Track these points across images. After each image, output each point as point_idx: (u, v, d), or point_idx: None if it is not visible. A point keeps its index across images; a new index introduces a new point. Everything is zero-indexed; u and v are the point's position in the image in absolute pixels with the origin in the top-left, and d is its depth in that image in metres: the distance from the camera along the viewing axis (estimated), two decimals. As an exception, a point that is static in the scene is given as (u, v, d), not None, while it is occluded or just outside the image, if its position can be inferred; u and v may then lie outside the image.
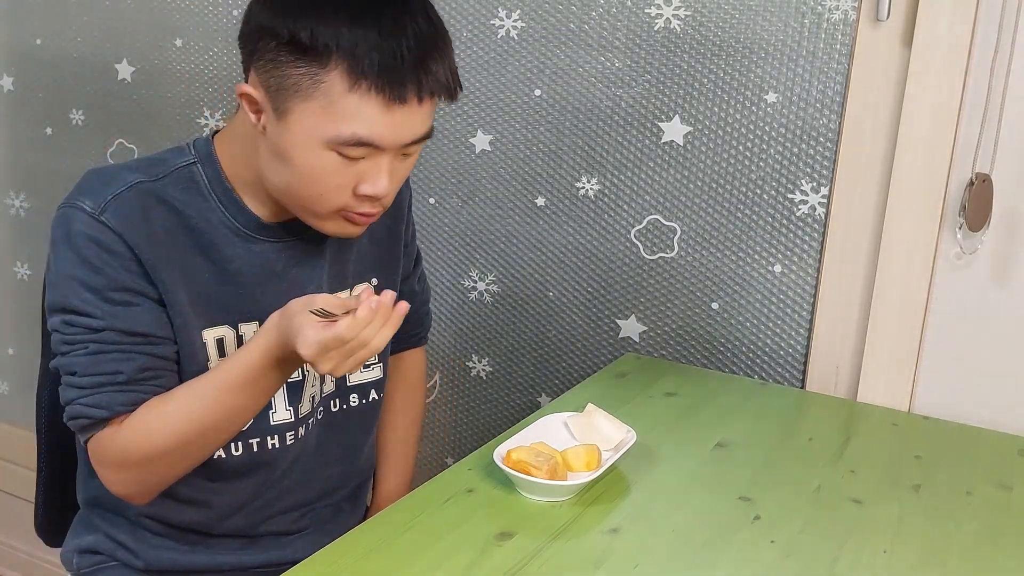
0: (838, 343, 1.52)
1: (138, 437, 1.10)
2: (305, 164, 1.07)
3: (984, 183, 1.37)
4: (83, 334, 1.09)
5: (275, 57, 1.04)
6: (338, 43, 1.02)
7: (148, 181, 1.12)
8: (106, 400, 1.09)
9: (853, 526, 1.10)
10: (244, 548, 1.26)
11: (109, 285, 1.08)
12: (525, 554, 1.01)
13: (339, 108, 1.03)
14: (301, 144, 1.06)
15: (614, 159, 1.65)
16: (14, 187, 2.33)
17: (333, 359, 1.02)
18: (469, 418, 1.87)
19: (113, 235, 1.08)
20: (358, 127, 1.04)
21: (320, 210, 1.11)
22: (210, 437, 1.12)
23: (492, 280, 1.79)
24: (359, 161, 1.07)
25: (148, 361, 1.10)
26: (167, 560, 1.24)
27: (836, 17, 1.46)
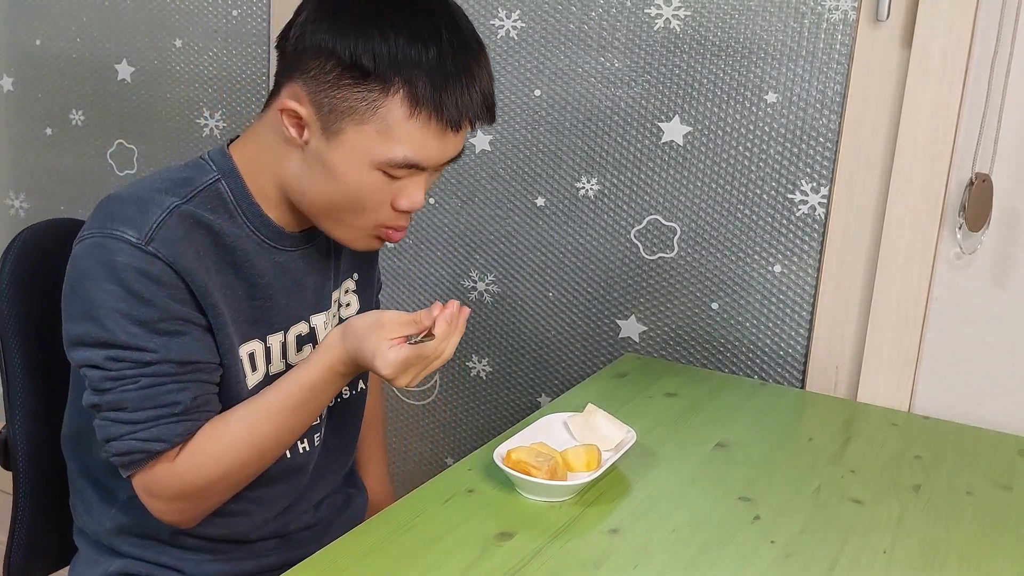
0: (838, 343, 1.52)
1: (197, 464, 1.09)
2: (351, 182, 1.08)
3: (984, 183, 1.37)
4: (132, 368, 1.05)
5: (333, 79, 1.04)
6: (399, 70, 1.03)
7: (182, 203, 1.09)
8: (164, 433, 1.06)
9: (853, 526, 1.10)
10: (279, 547, 1.27)
11: (159, 316, 1.05)
12: (525, 554, 1.01)
13: (395, 133, 1.05)
14: (349, 163, 1.07)
15: (614, 159, 1.65)
16: (14, 187, 2.33)
17: (411, 374, 1.07)
18: (469, 418, 1.87)
19: (163, 264, 1.04)
20: (410, 151, 1.06)
21: (359, 224, 1.12)
22: (267, 458, 1.13)
23: (492, 280, 1.79)
24: (400, 179, 1.09)
25: (201, 389, 1.09)
26: (212, 571, 1.23)
27: (836, 17, 1.46)
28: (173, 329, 1.06)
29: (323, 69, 1.05)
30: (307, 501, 1.28)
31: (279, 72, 1.11)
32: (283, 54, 1.10)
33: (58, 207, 2.27)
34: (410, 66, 1.03)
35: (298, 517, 1.28)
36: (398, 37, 1.03)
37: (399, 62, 1.03)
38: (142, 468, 1.09)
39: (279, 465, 1.20)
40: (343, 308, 1.29)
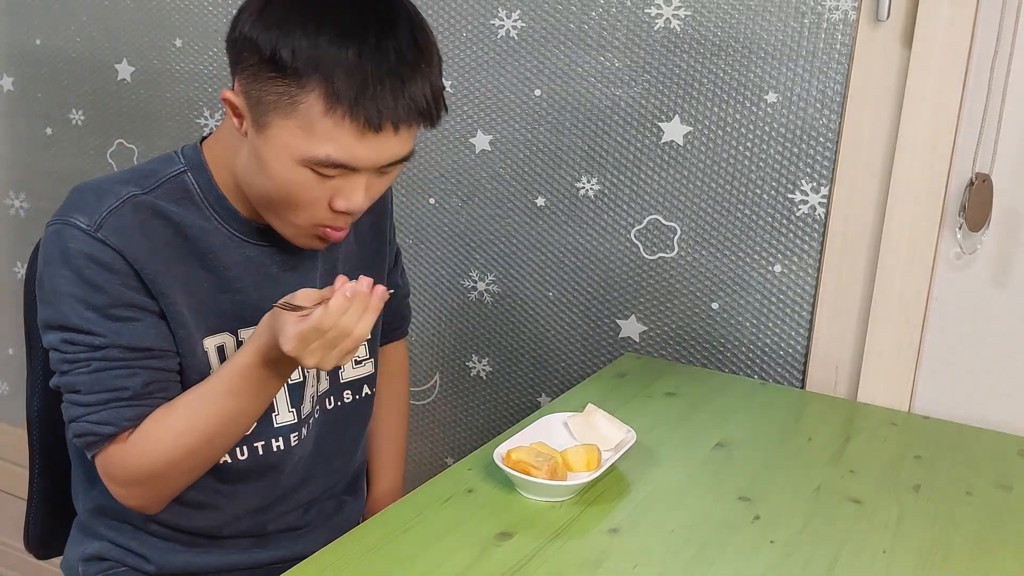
0: (838, 343, 1.52)
1: (145, 450, 1.10)
2: (282, 177, 1.06)
3: (984, 183, 1.37)
4: (85, 352, 1.08)
5: (257, 71, 1.04)
6: (316, 66, 1.01)
7: (141, 193, 1.11)
8: (112, 416, 1.09)
9: (853, 526, 1.10)
10: (254, 547, 1.27)
11: (110, 302, 1.08)
12: (525, 554, 1.01)
13: (315, 130, 1.03)
14: (277, 158, 1.06)
15: (614, 159, 1.65)
16: (14, 187, 2.33)
17: (316, 352, 1.02)
18: (469, 418, 1.87)
19: (112, 252, 1.07)
20: (332, 150, 1.03)
21: (296, 222, 1.10)
22: (216, 443, 1.13)
23: (492, 280, 1.79)
24: (333, 178, 1.06)
25: (152, 375, 1.10)
26: (180, 563, 1.24)
27: (836, 17, 1.46)
28: (124, 315, 1.08)
29: (250, 61, 1.05)
30: (290, 503, 1.27)
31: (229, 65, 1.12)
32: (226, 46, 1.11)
33: (58, 207, 2.26)
34: (329, 63, 1.01)
35: (279, 518, 1.27)
36: (321, 34, 1.01)
37: (317, 59, 1.01)
38: (100, 450, 1.12)
39: (248, 461, 1.20)
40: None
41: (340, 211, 1.09)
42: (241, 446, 1.19)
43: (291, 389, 1.22)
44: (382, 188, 1.12)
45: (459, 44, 1.74)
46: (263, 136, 1.06)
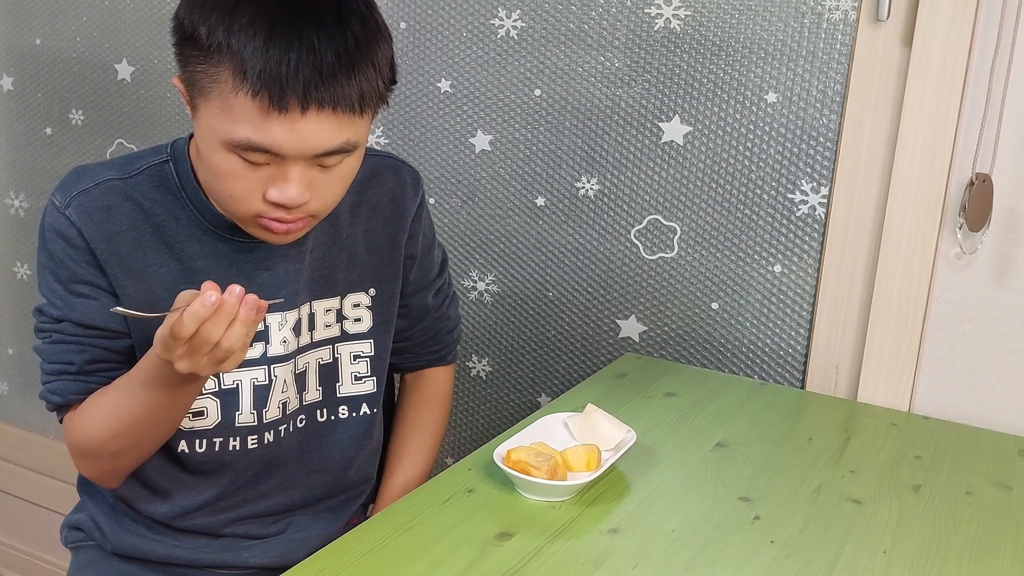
0: (838, 343, 1.52)
1: (82, 426, 1.16)
2: (213, 163, 1.05)
3: (984, 183, 1.37)
4: (49, 323, 1.16)
5: (183, 52, 1.05)
6: (228, 44, 0.99)
7: (118, 179, 1.15)
8: (61, 388, 1.16)
9: (853, 526, 1.10)
10: (204, 546, 1.26)
11: (71, 277, 1.13)
12: (525, 554, 1.01)
13: (232, 111, 1.00)
14: (206, 142, 1.05)
15: (614, 159, 1.65)
16: (14, 187, 2.33)
17: (183, 359, 0.99)
18: (469, 418, 1.87)
19: (74, 229, 1.12)
20: (250, 133, 1.00)
21: (236, 212, 1.09)
22: (140, 428, 1.13)
23: (492, 280, 1.79)
24: (264, 166, 1.03)
25: (100, 354, 1.15)
26: (130, 545, 1.26)
27: (836, 17, 1.46)
28: (80, 291, 1.14)
29: (179, 42, 1.06)
30: (249, 508, 1.25)
31: None
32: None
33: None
34: (239, 39, 0.98)
35: (240, 522, 1.26)
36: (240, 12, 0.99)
37: (230, 35, 0.99)
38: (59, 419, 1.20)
39: (205, 455, 1.21)
40: (348, 322, 1.26)
41: (273, 202, 1.05)
42: (200, 439, 1.20)
43: (255, 390, 1.20)
44: (332, 186, 1.07)
45: (459, 44, 1.74)
46: (196, 120, 1.07)
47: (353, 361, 1.28)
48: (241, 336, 0.98)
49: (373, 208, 1.27)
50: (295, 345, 1.22)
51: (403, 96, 1.81)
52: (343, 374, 1.27)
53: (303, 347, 1.23)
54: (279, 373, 1.20)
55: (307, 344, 1.23)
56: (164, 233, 1.15)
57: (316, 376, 1.25)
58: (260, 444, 1.22)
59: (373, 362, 1.29)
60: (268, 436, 1.22)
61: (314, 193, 1.06)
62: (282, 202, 1.04)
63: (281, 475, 1.26)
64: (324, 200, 1.08)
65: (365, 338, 1.28)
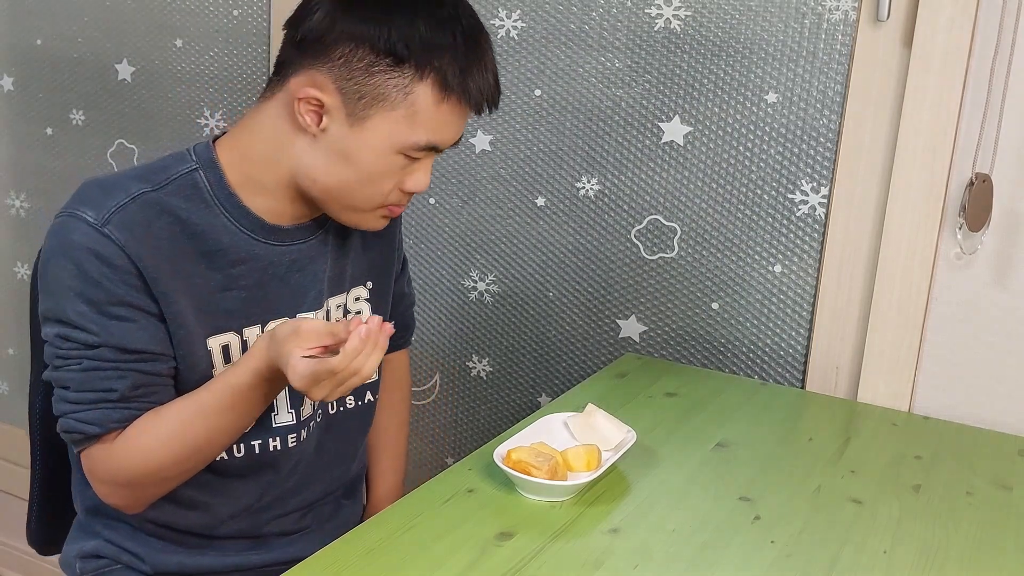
0: (838, 343, 1.52)
1: (130, 455, 1.11)
2: (372, 166, 1.10)
3: (984, 183, 1.37)
4: (77, 349, 1.08)
5: (365, 66, 1.06)
6: (431, 57, 1.06)
7: (151, 191, 1.11)
8: (99, 417, 1.09)
9: (853, 526, 1.10)
10: (250, 548, 1.26)
11: (107, 299, 1.07)
12: (525, 554, 1.01)
13: (421, 117, 1.08)
14: (375, 148, 1.09)
15: (614, 159, 1.65)
16: (14, 187, 2.33)
17: (325, 388, 1.03)
18: (469, 418, 1.87)
19: (115, 248, 1.06)
20: (433, 135, 1.10)
21: (368, 206, 1.14)
22: (202, 454, 1.13)
23: (492, 280, 1.79)
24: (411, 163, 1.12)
25: (142, 379, 1.10)
26: (174, 563, 1.24)
27: (836, 17, 1.46)
28: (119, 314, 1.08)
29: (354, 56, 1.06)
30: (287, 505, 1.27)
31: (288, 61, 1.11)
32: (299, 42, 1.10)
33: (58, 207, 2.26)
34: (439, 52, 1.07)
35: (275, 521, 1.27)
36: (425, 23, 1.07)
37: (430, 48, 1.06)
38: (85, 448, 1.12)
39: (244, 459, 1.20)
40: (351, 316, 1.28)
41: (410, 192, 1.15)
42: (238, 444, 1.19)
43: (291, 391, 1.21)
44: None
45: (459, 44, 1.73)
46: (359, 128, 1.08)
47: None
48: (376, 361, 1.04)
49: None
50: None
51: (403, 96, 1.80)
52: None
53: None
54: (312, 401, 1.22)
55: None
56: (202, 243, 1.13)
57: None
58: (298, 442, 1.24)
59: None
60: (303, 433, 1.24)
61: None
62: (418, 190, 1.15)
63: (304, 470, 1.27)
64: None
65: None
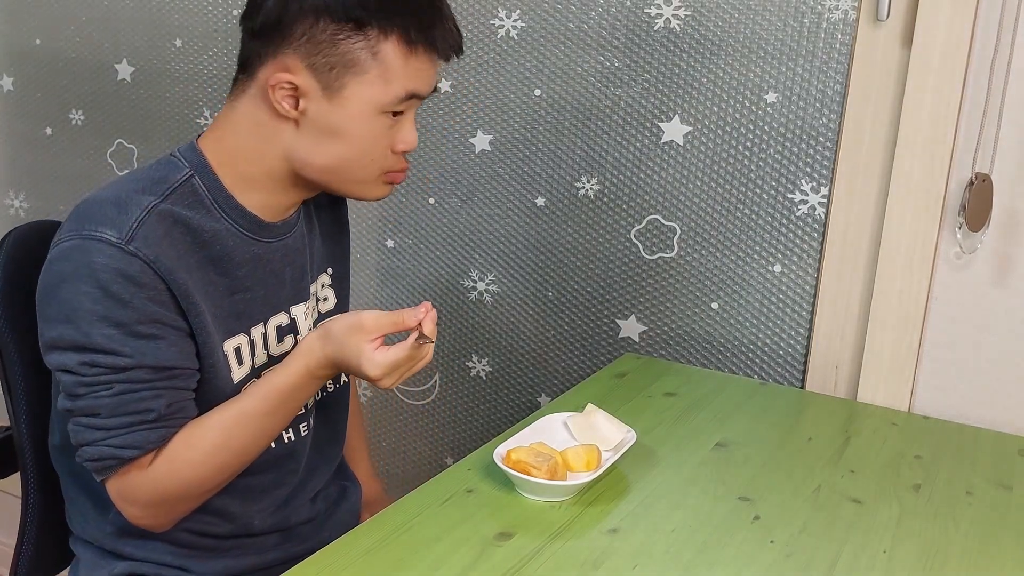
0: (838, 343, 1.52)
1: (174, 472, 1.09)
2: (360, 133, 1.11)
3: (984, 183, 1.37)
4: (107, 374, 1.05)
5: (329, 37, 1.08)
6: (389, 14, 1.08)
7: (160, 201, 1.08)
8: (138, 440, 1.06)
9: (853, 526, 1.10)
10: (285, 541, 1.27)
11: (136, 318, 1.04)
12: (524, 554, 1.01)
13: (395, 73, 1.10)
14: (358, 115, 1.10)
15: (614, 159, 1.65)
16: (14, 187, 2.33)
17: (394, 375, 1.09)
18: (469, 418, 1.87)
19: (142, 264, 1.03)
20: (410, 84, 1.11)
21: (368, 176, 1.16)
22: (245, 460, 1.14)
23: (492, 280, 1.79)
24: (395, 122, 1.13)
25: (176, 395, 1.09)
26: (220, 568, 1.23)
27: (836, 17, 1.46)
28: (150, 333, 1.05)
29: (315, 30, 1.07)
30: (304, 495, 1.29)
31: (252, 54, 1.12)
32: (258, 32, 1.11)
33: (57, 207, 2.27)
34: (397, 8, 1.09)
35: (297, 511, 1.29)
36: None
37: (388, 6, 1.08)
38: (115, 474, 1.09)
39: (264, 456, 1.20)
40: (320, 302, 1.30)
41: (401, 152, 1.16)
42: None
43: None
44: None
45: (459, 44, 1.74)
46: (338, 100, 1.09)
47: None
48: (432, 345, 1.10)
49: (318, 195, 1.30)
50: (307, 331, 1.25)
51: (403, 96, 1.81)
52: None
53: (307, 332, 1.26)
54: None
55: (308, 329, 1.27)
56: (211, 249, 1.12)
57: None
58: (309, 429, 1.27)
59: None
60: (310, 421, 1.27)
61: None
62: (409, 147, 1.16)
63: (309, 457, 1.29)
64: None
65: (333, 314, 1.32)
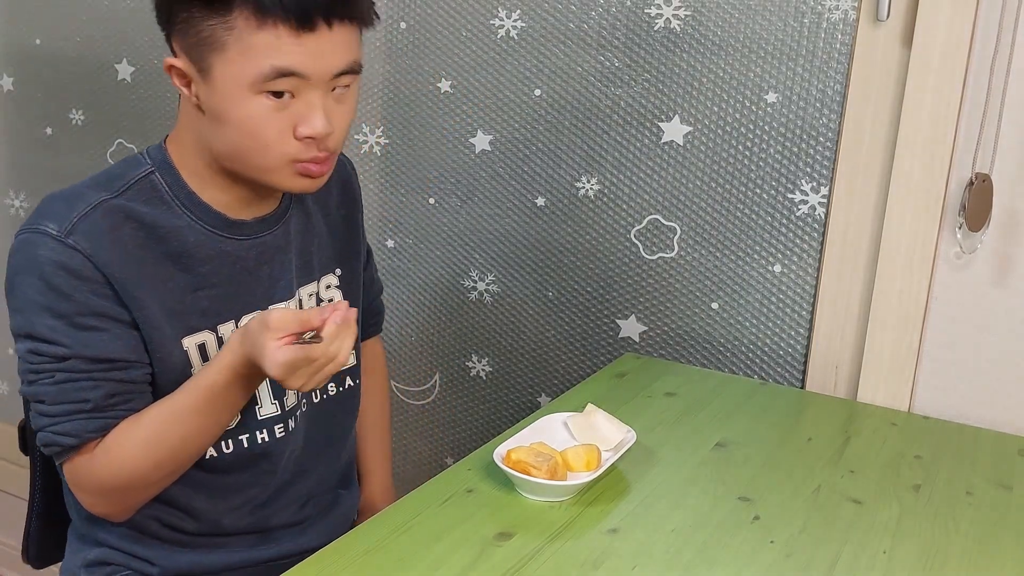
0: (838, 343, 1.52)
1: (111, 463, 1.11)
2: (240, 116, 1.07)
3: (984, 183, 1.37)
4: (49, 363, 1.08)
5: (188, 17, 1.06)
6: None
7: (111, 197, 1.11)
8: (75, 428, 1.09)
9: (853, 526, 1.10)
10: (258, 544, 1.27)
11: (77, 311, 1.07)
12: (524, 554, 1.01)
13: (254, 48, 1.04)
14: (230, 96, 1.06)
15: (614, 159, 1.65)
16: (14, 187, 2.33)
17: (302, 376, 1.03)
18: (469, 418, 1.87)
19: (82, 258, 1.07)
20: (274, 59, 1.04)
21: (271, 164, 1.10)
22: (183, 456, 1.14)
23: (492, 280, 1.79)
24: (291, 103, 1.06)
25: (116, 387, 1.10)
26: (185, 563, 1.24)
27: (836, 17, 1.46)
28: (91, 325, 1.08)
29: (182, 14, 1.07)
30: (288, 497, 1.28)
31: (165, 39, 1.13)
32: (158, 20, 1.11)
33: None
34: None
35: (279, 513, 1.27)
36: None
37: None
38: (66, 459, 1.12)
39: (234, 454, 1.20)
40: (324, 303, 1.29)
41: (306, 137, 1.08)
42: (226, 439, 1.20)
43: (273, 382, 1.21)
44: (345, 117, 1.12)
45: (459, 44, 1.73)
46: (211, 84, 1.07)
47: None
48: (350, 346, 1.04)
49: (327, 193, 1.31)
50: None
51: (403, 96, 1.81)
52: None
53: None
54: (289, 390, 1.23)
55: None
56: (169, 245, 1.13)
57: None
58: (286, 432, 1.24)
59: None
60: (291, 423, 1.25)
61: (334, 127, 1.10)
62: (313, 133, 1.07)
63: (298, 460, 1.28)
64: (340, 135, 1.12)
65: None
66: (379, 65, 1.82)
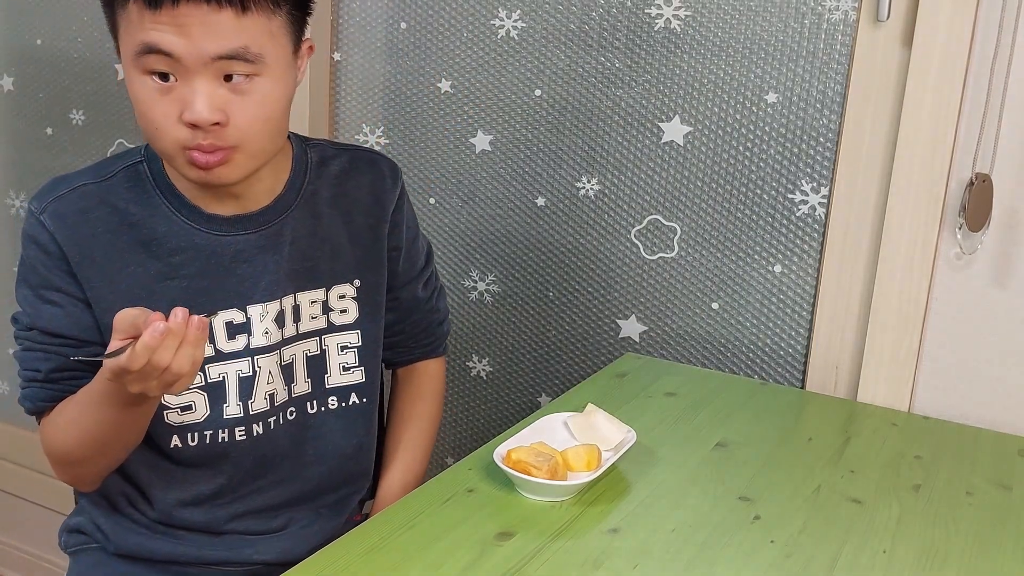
0: (838, 343, 1.52)
1: (50, 434, 1.18)
2: (134, 96, 1.09)
3: (984, 183, 1.37)
4: (21, 331, 1.18)
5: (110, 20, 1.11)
6: None
7: (92, 183, 1.18)
8: (31, 394, 1.18)
9: (853, 526, 1.10)
10: (207, 543, 1.26)
11: (41, 283, 1.15)
12: (525, 554, 1.01)
13: (128, 24, 1.06)
14: (128, 76, 1.09)
15: (614, 159, 1.65)
16: (14, 187, 2.33)
17: (134, 383, 1.00)
18: (469, 418, 1.87)
19: (48, 235, 1.14)
20: (137, 34, 1.04)
21: (166, 149, 1.09)
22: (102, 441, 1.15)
23: (492, 280, 1.79)
24: (176, 87, 1.05)
25: (65, 363, 1.16)
26: (133, 544, 1.25)
27: (836, 17, 1.46)
28: (50, 299, 1.16)
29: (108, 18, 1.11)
30: (251, 503, 1.26)
31: None
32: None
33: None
34: None
35: (239, 518, 1.26)
36: None
37: None
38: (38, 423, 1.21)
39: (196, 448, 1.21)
40: (334, 314, 1.27)
41: (189, 123, 1.05)
42: (192, 432, 1.21)
43: (241, 382, 1.21)
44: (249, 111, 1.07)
45: (459, 44, 1.74)
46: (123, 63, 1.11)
47: (340, 352, 1.28)
48: (190, 357, 0.99)
49: (352, 200, 1.28)
50: (279, 336, 1.22)
51: (403, 96, 1.81)
52: (331, 365, 1.28)
53: (288, 339, 1.24)
54: (263, 364, 1.21)
55: (292, 336, 1.24)
56: (140, 232, 1.17)
57: (304, 368, 1.26)
58: (249, 436, 1.22)
59: (361, 352, 1.30)
60: (256, 428, 1.23)
61: (230, 118, 1.06)
62: (192, 119, 1.05)
63: (278, 469, 1.26)
64: (242, 129, 1.07)
65: (351, 329, 1.29)
66: (379, 65, 1.82)
